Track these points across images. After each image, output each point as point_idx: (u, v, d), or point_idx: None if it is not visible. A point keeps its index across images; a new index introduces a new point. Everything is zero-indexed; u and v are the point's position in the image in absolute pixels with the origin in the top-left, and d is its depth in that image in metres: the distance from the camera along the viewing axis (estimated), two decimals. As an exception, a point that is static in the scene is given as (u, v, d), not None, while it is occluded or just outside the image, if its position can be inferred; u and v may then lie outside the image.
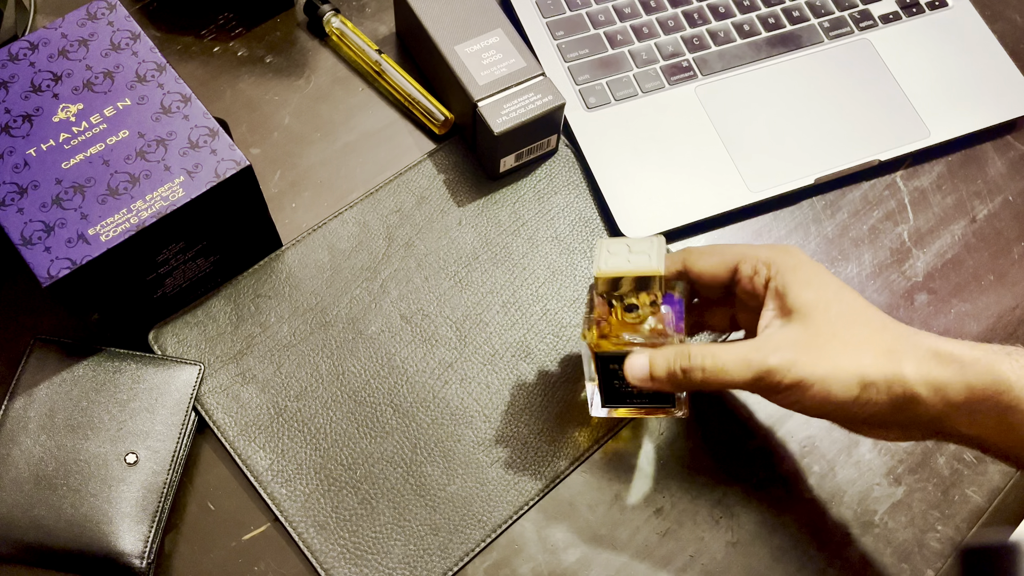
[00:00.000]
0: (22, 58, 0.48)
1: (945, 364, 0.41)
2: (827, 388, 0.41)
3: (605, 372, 0.47)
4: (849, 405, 0.41)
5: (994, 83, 0.64)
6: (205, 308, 0.54)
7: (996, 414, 0.40)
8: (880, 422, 0.43)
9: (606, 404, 0.49)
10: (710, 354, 0.43)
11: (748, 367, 0.42)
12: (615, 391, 0.48)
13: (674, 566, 0.50)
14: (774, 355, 0.42)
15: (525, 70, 0.56)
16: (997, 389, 0.40)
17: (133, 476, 0.47)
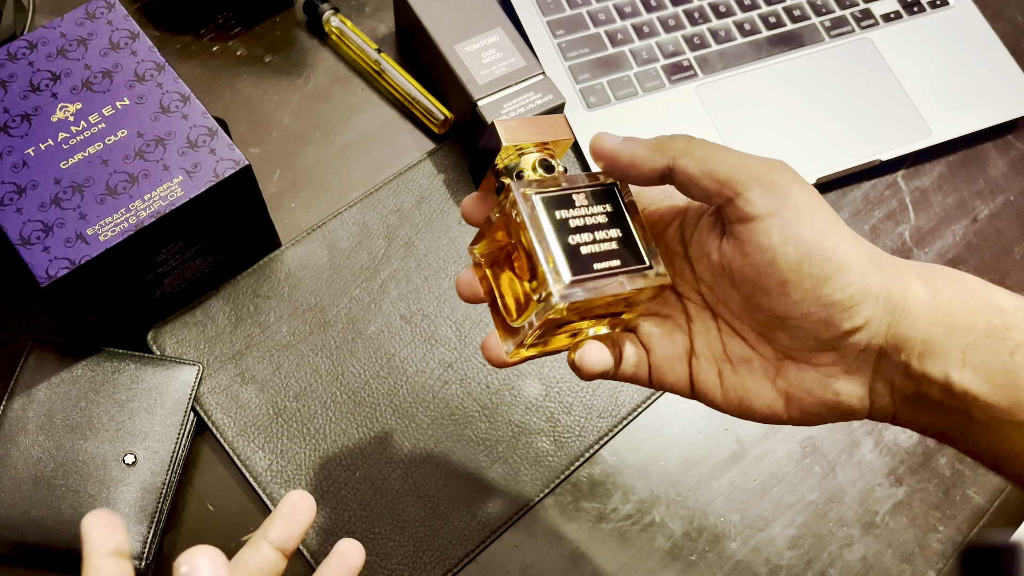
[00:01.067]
0: (21, 57, 0.48)
1: (947, 278, 0.33)
2: (837, 237, 0.32)
3: (559, 230, 0.35)
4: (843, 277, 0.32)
5: (995, 83, 0.64)
6: (204, 308, 0.54)
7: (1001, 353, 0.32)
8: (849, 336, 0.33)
9: (576, 275, 0.34)
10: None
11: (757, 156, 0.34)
12: (576, 253, 0.35)
13: (675, 567, 0.50)
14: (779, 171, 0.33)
15: (525, 69, 0.56)
16: (1006, 321, 0.32)
17: (132, 477, 0.47)
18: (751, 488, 0.52)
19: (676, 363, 0.38)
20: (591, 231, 0.35)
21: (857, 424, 0.54)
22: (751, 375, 0.36)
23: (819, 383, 0.34)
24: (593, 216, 0.36)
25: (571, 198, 0.35)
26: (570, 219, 0.35)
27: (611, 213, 0.36)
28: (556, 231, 0.35)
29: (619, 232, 0.36)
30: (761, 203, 0.32)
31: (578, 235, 0.35)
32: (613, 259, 0.35)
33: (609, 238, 0.36)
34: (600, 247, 0.35)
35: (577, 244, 0.35)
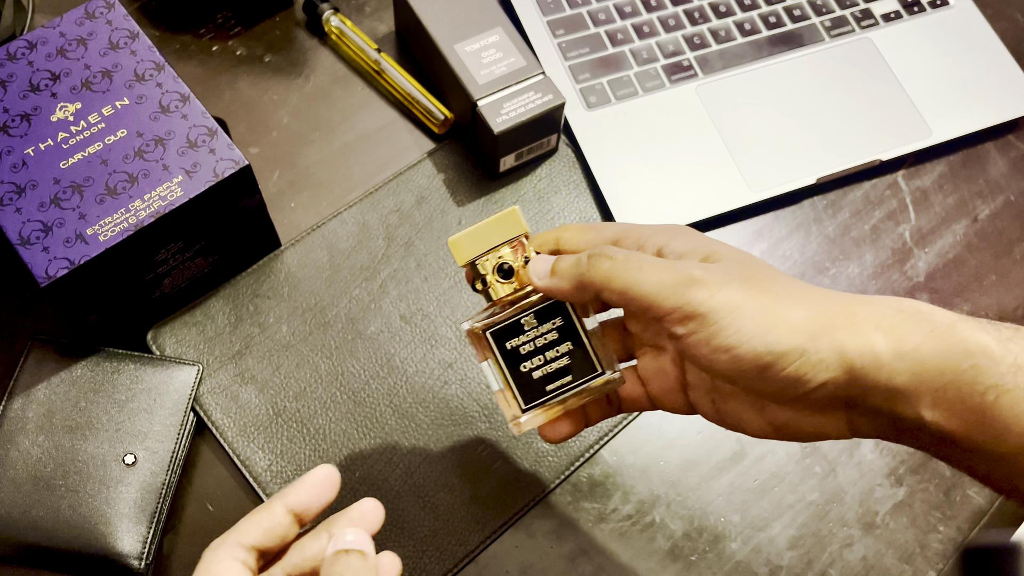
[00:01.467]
0: (20, 57, 0.48)
1: (915, 323, 0.33)
2: (764, 327, 0.33)
3: (510, 361, 0.39)
4: (781, 361, 0.33)
5: (996, 82, 0.64)
6: (204, 308, 0.54)
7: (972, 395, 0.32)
8: (810, 396, 0.34)
9: (529, 404, 0.39)
10: (623, 250, 0.36)
11: (673, 269, 0.35)
12: (529, 381, 0.39)
13: (675, 567, 0.50)
14: (704, 270, 0.34)
15: (525, 69, 0.56)
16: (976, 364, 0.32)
17: (131, 477, 0.47)
18: (751, 488, 0.52)
19: (674, 394, 0.41)
20: (541, 352, 0.39)
21: (857, 424, 0.54)
22: (740, 406, 0.39)
23: (800, 419, 0.37)
24: (543, 336, 0.39)
25: (519, 324, 0.39)
26: (520, 347, 0.39)
27: (561, 327, 0.39)
28: (507, 363, 0.39)
29: (569, 345, 0.39)
30: (680, 326, 0.34)
31: (529, 360, 0.39)
32: (565, 375, 0.40)
33: (559, 355, 0.39)
34: (551, 367, 0.39)
35: (529, 370, 0.39)
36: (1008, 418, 0.32)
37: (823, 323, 0.34)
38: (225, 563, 0.35)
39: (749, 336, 0.33)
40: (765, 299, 0.34)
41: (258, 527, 0.36)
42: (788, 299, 0.34)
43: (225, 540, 0.36)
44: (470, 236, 0.40)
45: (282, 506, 0.37)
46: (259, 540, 0.36)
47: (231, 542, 0.36)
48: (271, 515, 0.37)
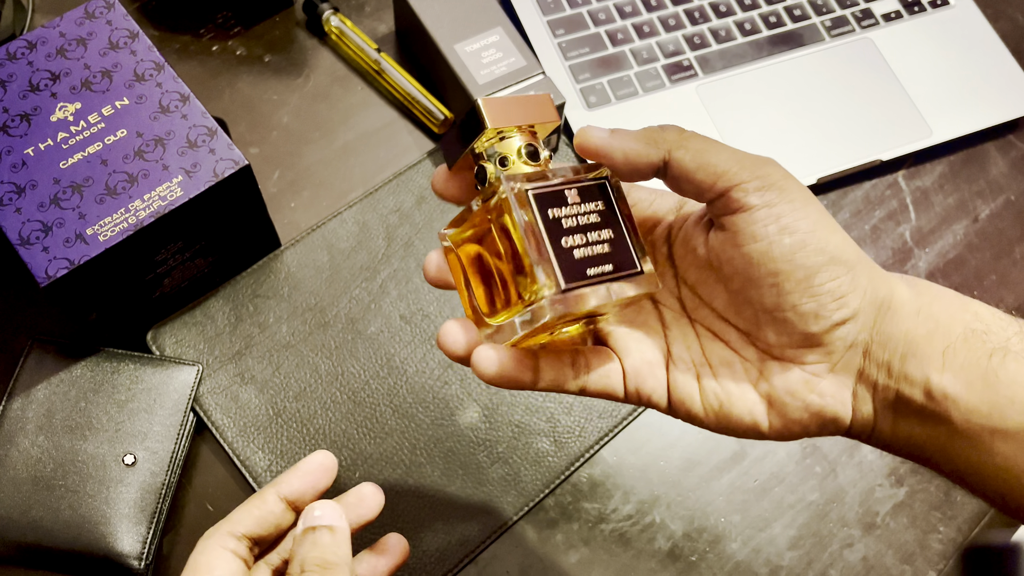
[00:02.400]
0: (20, 57, 0.48)
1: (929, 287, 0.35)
2: (827, 228, 0.33)
3: (552, 231, 0.33)
4: (834, 268, 0.32)
5: (996, 82, 0.64)
6: (203, 308, 0.54)
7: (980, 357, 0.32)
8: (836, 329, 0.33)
9: (569, 284, 0.32)
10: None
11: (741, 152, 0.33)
12: (570, 259, 0.33)
13: (675, 567, 0.50)
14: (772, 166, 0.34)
15: (525, 69, 0.56)
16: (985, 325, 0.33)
17: (131, 477, 0.47)
18: (752, 488, 0.52)
19: (654, 368, 0.36)
20: (583, 232, 0.33)
21: (858, 424, 0.54)
22: (732, 378, 0.35)
23: (803, 383, 0.34)
24: (585, 215, 0.34)
25: (563, 194, 0.33)
26: (563, 219, 0.33)
27: (602, 211, 0.34)
28: (549, 232, 0.32)
29: (611, 233, 0.34)
30: (757, 194, 0.33)
31: (571, 236, 0.33)
32: (605, 263, 0.33)
33: (601, 239, 0.34)
34: (593, 250, 0.33)
35: (570, 247, 0.33)
36: (1012, 383, 0.31)
37: (863, 255, 0.34)
38: (215, 552, 0.35)
39: (816, 226, 0.33)
40: (824, 209, 0.34)
41: (250, 516, 0.36)
42: (844, 233, 0.34)
43: (217, 530, 0.35)
44: (504, 104, 0.34)
45: (274, 494, 0.37)
46: (251, 529, 0.36)
47: (222, 531, 0.35)
48: (263, 503, 0.36)
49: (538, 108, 0.35)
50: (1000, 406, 0.31)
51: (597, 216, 0.34)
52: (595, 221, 0.34)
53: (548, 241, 0.32)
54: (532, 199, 0.32)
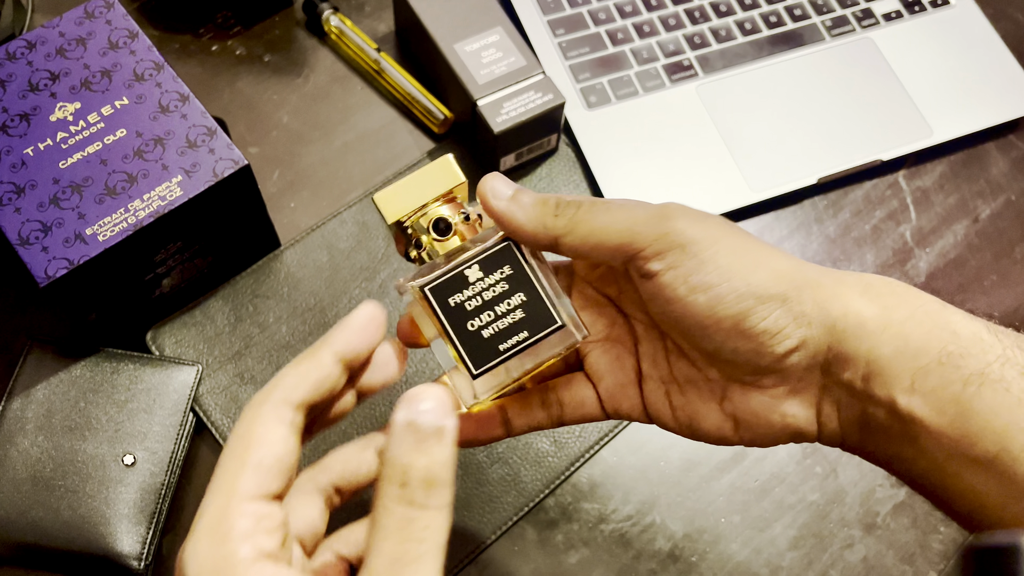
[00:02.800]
0: (20, 57, 0.48)
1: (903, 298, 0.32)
2: (747, 267, 0.31)
3: (455, 321, 0.34)
4: (762, 308, 0.31)
5: (997, 82, 0.64)
6: (203, 308, 0.54)
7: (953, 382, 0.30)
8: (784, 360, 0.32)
9: (480, 368, 0.33)
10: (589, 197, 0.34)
11: (645, 206, 0.32)
12: (479, 341, 0.33)
13: (676, 568, 0.50)
14: (679, 206, 0.32)
15: (525, 69, 0.56)
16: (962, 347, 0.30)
17: (131, 477, 0.47)
18: (752, 489, 0.52)
19: (628, 388, 0.37)
20: (490, 307, 0.34)
21: (858, 424, 0.54)
22: (698, 397, 0.35)
23: (765, 405, 0.33)
24: (491, 289, 0.34)
25: (463, 276, 0.34)
26: (465, 302, 0.34)
27: (511, 276, 0.34)
28: (452, 322, 0.33)
29: (522, 296, 0.34)
30: (658, 260, 0.31)
31: (476, 318, 0.33)
32: (519, 331, 0.34)
33: (511, 307, 0.34)
34: (502, 323, 0.34)
35: (477, 328, 0.33)
36: (987, 413, 0.29)
37: (807, 277, 0.31)
38: (269, 425, 0.29)
39: (730, 274, 0.31)
40: (746, 240, 0.32)
41: (306, 380, 0.30)
42: (768, 248, 0.32)
43: (269, 397, 0.30)
44: (399, 190, 0.35)
45: (330, 353, 0.31)
46: (307, 395, 0.30)
47: (277, 400, 0.30)
48: (319, 365, 0.31)
49: (438, 177, 0.35)
50: (971, 435, 0.30)
51: (505, 283, 0.34)
52: (503, 290, 0.34)
53: (452, 331, 0.33)
54: (429, 295, 0.33)
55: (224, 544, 0.27)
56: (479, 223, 0.36)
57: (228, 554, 0.26)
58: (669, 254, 0.31)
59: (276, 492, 0.29)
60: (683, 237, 0.31)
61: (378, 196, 0.35)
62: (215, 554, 0.27)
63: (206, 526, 0.27)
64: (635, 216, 0.32)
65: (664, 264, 0.31)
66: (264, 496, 0.28)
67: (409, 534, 0.26)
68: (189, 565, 0.27)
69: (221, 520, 0.27)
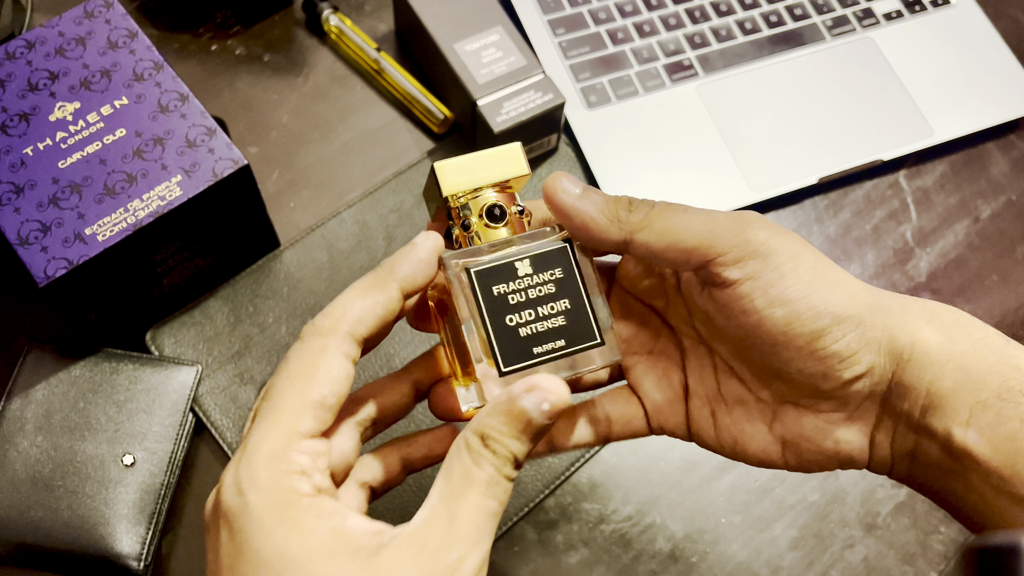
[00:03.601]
0: (19, 56, 0.48)
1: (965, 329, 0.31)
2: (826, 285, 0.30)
3: (494, 311, 0.32)
4: (837, 329, 0.30)
5: (998, 82, 0.64)
6: (203, 308, 0.54)
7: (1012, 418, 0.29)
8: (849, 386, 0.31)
9: (509, 366, 0.31)
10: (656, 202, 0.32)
11: (722, 212, 0.31)
12: (513, 338, 0.31)
13: (676, 568, 0.50)
14: (757, 215, 0.31)
15: (525, 68, 0.56)
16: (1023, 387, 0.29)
17: (130, 478, 0.47)
18: (752, 489, 0.52)
19: (675, 405, 0.36)
20: (533, 306, 0.32)
21: (859, 425, 0.54)
22: (746, 417, 0.34)
23: (819, 431, 0.32)
24: (537, 288, 0.32)
25: (512, 267, 0.32)
26: (509, 295, 0.32)
27: (560, 279, 0.32)
28: (490, 312, 0.31)
29: (567, 303, 0.32)
30: (737, 267, 0.30)
31: (516, 313, 0.31)
32: (558, 338, 0.32)
33: (555, 312, 0.32)
34: (543, 325, 0.32)
35: (515, 325, 0.31)
36: None
37: (879, 301, 0.30)
38: (336, 360, 0.29)
39: (810, 290, 0.29)
40: (821, 258, 0.30)
41: (373, 314, 0.30)
42: (841, 270, 0.31)
43: (337, 328, 0.29)
44: (462, 165, 0.33)
45: (398, 288, 0.30)
46: (373, 330, 0.30)
47: (344, 333, 0.29)
48: (388, 301, 0.30)
49: (501, 162, 0.33)
50: (1023, 475, 0.29)
51: (553, 286, 0.32)
52: (549, 292, 0.32)
53: (489, 322, 0.31)
54: (474, 278, 0.31)
55: (285, 478, 0.27)
56: (529, 220, 0.34)
57: (289, 488, 0.27)
58: (749, 262, 0.30)
59: (328, 428, 0.29)
60: (765, 247, 0.30)
61: (439, 165, 0.33)
62: (276, 486, 0.27)
63: (266, 456, 0.28)
64: (715, 220, 0.31)
65: (743, 273, 0.30)
66: (320, 433, 0.29)
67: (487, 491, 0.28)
68: (249, 492, 0.27)
69: (282, 454, 0.28)
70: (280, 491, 0.27)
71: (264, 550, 0.27)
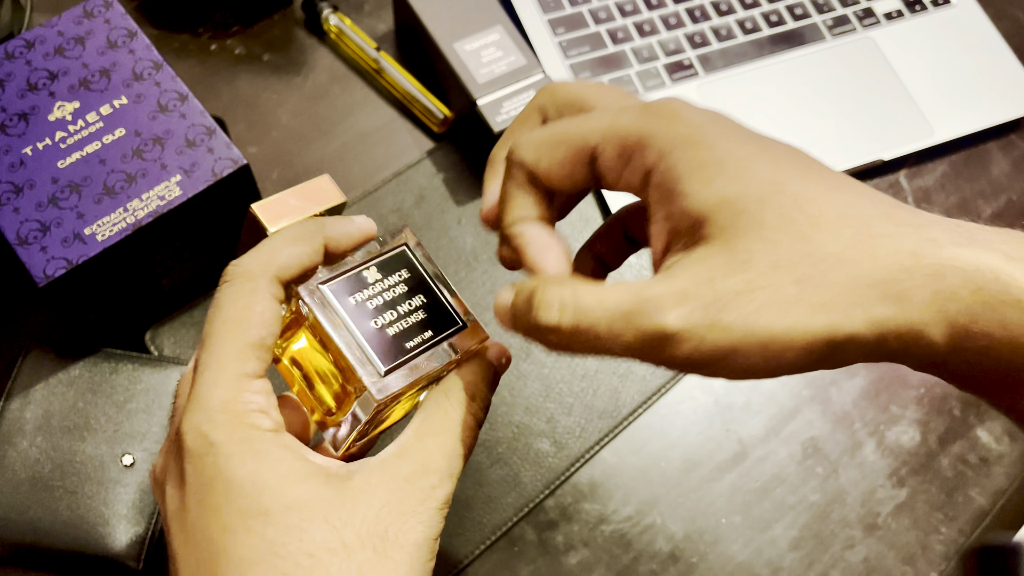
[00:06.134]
0: (18, 56, 0.48)
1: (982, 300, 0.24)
2: (767, 355, 0.25)
3: (358, 319, 0.33)
4: (804, 368, 0.26)
5: (998, 82, 0.64)
6: (202, 308, 0.54)
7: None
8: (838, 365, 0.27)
9: (390, 364, 0.32)
10: (573, 294, 0.27)
11: (628, 325, 0.26)
12: (384, 339, 0.32)
13: (676, 568, 0.50)
14: (675, 310, 0.25)
15: (525, 68, 0.56)
16: None
17: (130, 478, 0.47)
18: (753, 489, 0.52)
19: None
20: (392, 307, 0.33)
21: (859, 425, 0.54)
22: None
23: None
24: (391, 290, 0.34)
25: (361, 276, 0.33)
26: (367, 301, 0.33)
27: (408, 279, 0.34)
28: (354, 320, 0.32)
29: (422, 298, 0.34)
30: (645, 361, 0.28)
31: (379, 316, 0.33)
32: (424, 331, 0.33)
33: (413, 308, 0.34)
34: (407, 322, 0.33)
35: (382, 327, 0.33)
36: None
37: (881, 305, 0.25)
38: (267, 302, 0.30)
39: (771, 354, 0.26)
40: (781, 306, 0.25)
41: (299, 264, 0.31)
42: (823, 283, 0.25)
43: (266, 271, 0.30)
44: (280, 201, 0.35)
45: (323, 240, 0.31)
46: (295, 275, 0.31)
47: (270, 277, 0.30)
48: (313, 252, 0.31)
49: (318, 194, 0.35)
50: None
51: (404, 286, 0.34)
52: (403, 292, 0.34)
53: (356, 329, 0.32)
54: (328, 294, 0.32)
55: (245, 416, 0.28)
56: None
57: (251, 425, 0.28)
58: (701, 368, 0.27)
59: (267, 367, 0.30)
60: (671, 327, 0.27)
61: (257, 205, 0.35)
62: (239, 424, 0.28)
63: (221, 400, 0.28)
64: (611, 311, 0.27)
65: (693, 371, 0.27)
66: (263, 372, 0.30)
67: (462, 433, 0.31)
68: (212, 433, 0.28)
69: (236, 396, 0.28)
70: (243, 428, 0.28)
71: (236, 478, 0.27)
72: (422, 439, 0.31)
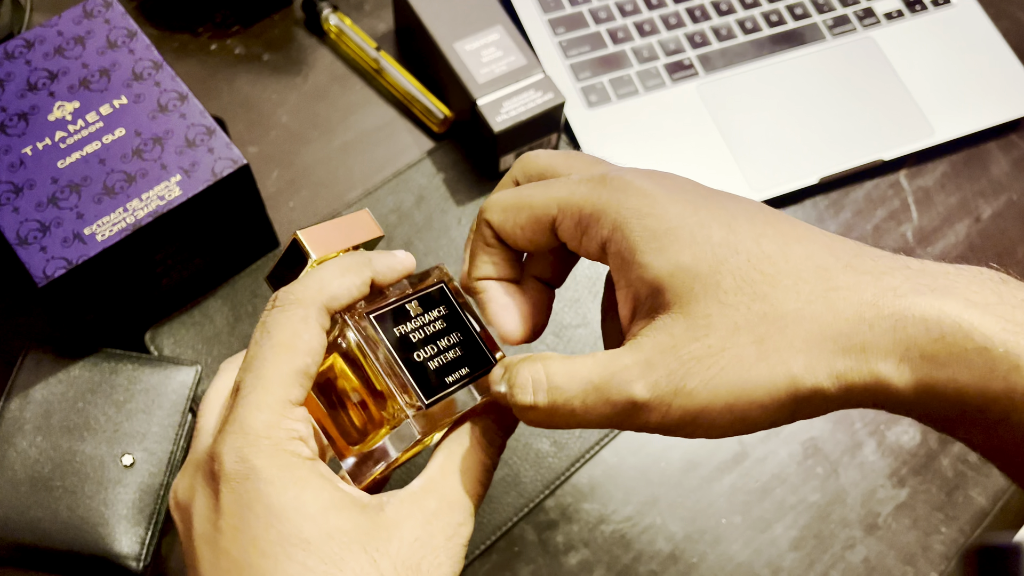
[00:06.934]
0: (18, 56, 0.48)
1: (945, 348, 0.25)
2: (734, 414, 0.26)
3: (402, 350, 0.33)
4: (775, 423, 0.27)
5: (998, 82, 0.64)
6: (202, 308, 0.54)
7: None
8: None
9: (432, 397, 0.32)
10: (544, 372, 0.28)
11: (600, 397, 0.27)
12: (424, 372, 0.33)
13: (676, 569, 0.50)
14: (641, 380, 0.26)
15: (525, 68, 0.56)
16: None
17: (129, 478, 0.47)
18: (753, 489, 0.52)
19: None
20: (432, 342, 0.33)
21: (860, 425, 0.54)
22: None
23: None
24: (431, 324, 0.34)
25: (404, 309, 0.33)
26: (410, 333, 0.33)
27: (446, 316, 0.34)
28: (399, 351, 0.32)
29: (459, 335, 0.34)
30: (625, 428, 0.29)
31: (421, 349, 0.33)
32: (461, 367, 0.33)
33: (451, 344, 0.34)
34: (446, 357, 0.33)
35: (423, 360, 0.33)
36: None
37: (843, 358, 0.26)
38: (314, 332, 0.29)
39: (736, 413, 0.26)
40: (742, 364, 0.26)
41: (348, 295, 0.31)
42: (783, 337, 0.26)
43: (316, 301, 0.30)
44: (324, 231, 0.34)
45: (371, 275, 0.32)
46: (341, 307, 0.31)
47: (320, 306, 0.30)
48: (362, 285, 0.31)
49: (358, 227, 0.36)
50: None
51: (442, 322, 0.34)
52: (441, 328, 0.34)
53: (400, 360, 0.32)
54: (374, 322, 0.32)
55: (287, 443, 0.28)
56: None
57: (292, 452, 0.28)
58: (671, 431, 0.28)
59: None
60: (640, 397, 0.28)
61: (303, 232, 0.34)
62: (280, 451, 0.28)
63: (264, 425, 0.28)
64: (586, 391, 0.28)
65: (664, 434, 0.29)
66: (304, 400, 0.30)
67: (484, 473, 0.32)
68: (254, 457, 0.28)
69: (278, 423, 0.28)
70: (285, 455, 0.28)
71: (277, 505, 0.27)
72: (447, 476, 0.31)
